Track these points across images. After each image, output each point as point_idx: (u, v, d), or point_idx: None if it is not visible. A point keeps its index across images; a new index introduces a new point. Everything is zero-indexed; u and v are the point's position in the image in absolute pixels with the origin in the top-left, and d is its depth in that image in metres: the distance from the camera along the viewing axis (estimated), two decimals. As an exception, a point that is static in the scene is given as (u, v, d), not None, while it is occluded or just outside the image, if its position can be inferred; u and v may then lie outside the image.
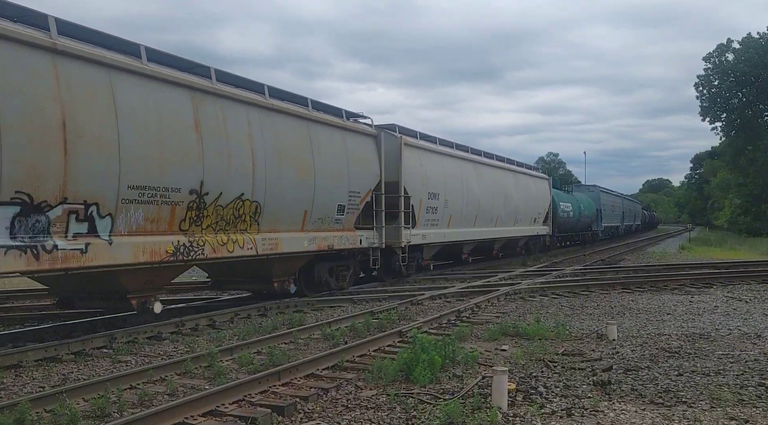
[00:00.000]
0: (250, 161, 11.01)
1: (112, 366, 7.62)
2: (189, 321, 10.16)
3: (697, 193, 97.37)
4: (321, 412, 5.76)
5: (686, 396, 6.17)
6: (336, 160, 13.64)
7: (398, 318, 10.68)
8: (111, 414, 5.64)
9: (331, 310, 12.17)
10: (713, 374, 7.03)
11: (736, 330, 9.90)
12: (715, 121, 56.69)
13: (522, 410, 5.72)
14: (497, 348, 8.56)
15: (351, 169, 14.19)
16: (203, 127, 10.03)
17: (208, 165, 10.04)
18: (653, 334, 9.54)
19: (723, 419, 5.48)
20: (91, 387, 6.23)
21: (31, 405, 5.53)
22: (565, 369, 7.24)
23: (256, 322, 10.68)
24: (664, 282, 16.16)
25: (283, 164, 11.88)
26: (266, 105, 11.64)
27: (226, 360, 7.70)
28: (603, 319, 10.69)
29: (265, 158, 11.38)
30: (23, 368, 7.45)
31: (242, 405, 5.82)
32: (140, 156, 8.87)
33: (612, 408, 5.80)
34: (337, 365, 7.35)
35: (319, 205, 13.04)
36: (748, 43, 52.71)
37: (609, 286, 15.48)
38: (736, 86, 54.18)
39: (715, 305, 12.62)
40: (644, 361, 7.67)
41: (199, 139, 9.92)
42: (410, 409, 5.77)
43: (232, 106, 10.80)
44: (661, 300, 13.30)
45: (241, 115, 10.95)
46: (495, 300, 13.08)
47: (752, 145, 53.57)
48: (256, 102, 11.41)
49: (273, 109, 11.81)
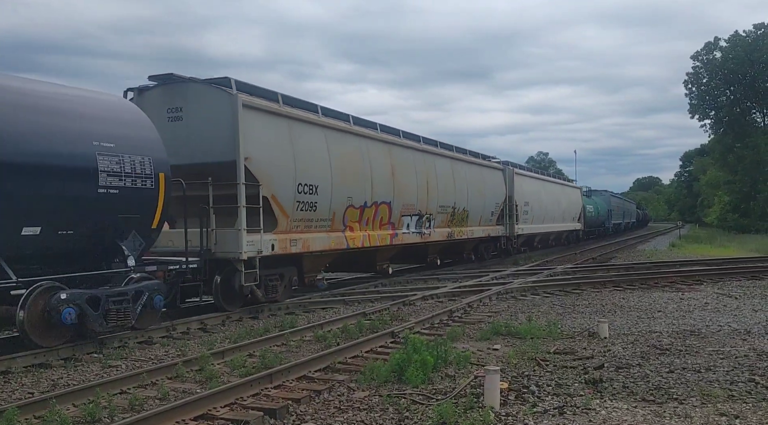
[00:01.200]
0: (461, 186, 20.79)
1: (102, 371, 7.57)
2: (180, 324, 10.11)
3: (686, 190, 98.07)
4: (313, 414, 5.74)
5: (677, 392, 6.20)
6: (484, 185, 22.86)
7: (390, 319, 10.67)
8: (101, 419, 5.60)
9: (323, 312, 12.15)
10: (704, 370, 7.07)
11: (726, 326, 9.96)
12: (704, 118, 57.20)
13: (514, 409, 5.73)
14: (489, 347, 8.57)
15: (492, 190, 23.68)
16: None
17: (469, 193, 21.38)
18: (644, 332, 9.58)
19: (713, 415, 5.51)
20: (81, 393, 6.19)
21: (20, 411, 5.48)
22: (557, 368, 7.26)
23: (247, 325, 10.65)
24: (655, 279, 16.23)
25: (470, 189, 21.33)
26: (446, 154, 20.20)
27: (218, 364, 7.66)
28: (594, 317, 10.73)
29: (467, 187, 21.15)
30: (12, 374, 7.38)
31: (234, 408, 5.80)
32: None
33: (604, 405, 5.81)
34: (330, 367, 7.33)
35: (486, 212, 22.94)
36: (735, 41, 53.17)
37: (600, 284, 15.53)
38: (725, 84, 54.64)
39: (705, 302, 12.69)
40: (635, 359, 7.70)
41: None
42: (403, 410, 5.76)
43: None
44: (652, 298, 13.37)
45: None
46: (487, 300, 13.10)
47: (741, 143, 54.01)
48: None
49: (451, 157, 20.45)
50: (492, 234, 23.66)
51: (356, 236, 14.57)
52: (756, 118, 57.68)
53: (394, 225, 16.39)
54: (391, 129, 17.13)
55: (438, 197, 18.73)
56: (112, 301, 8.60)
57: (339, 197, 13.79)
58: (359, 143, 14.88)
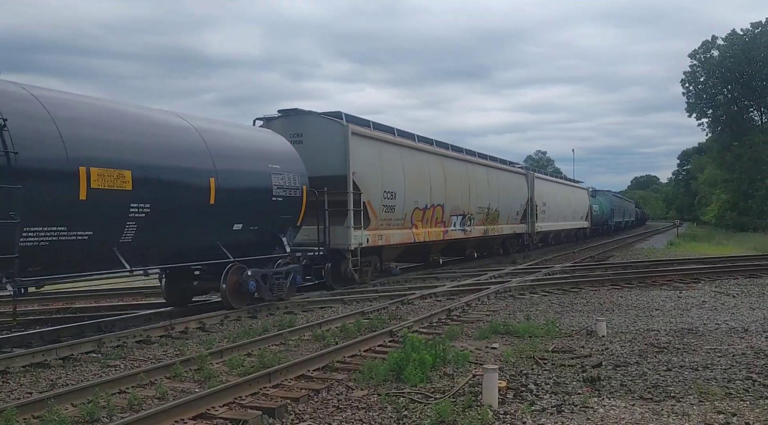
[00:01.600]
0: (494, 190, 23.94)
1: (100, 371, 7.56)
2: (178, 324, 10.11)
3: (684, 189, 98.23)
4: (312, 413, 5.75)
5: (675, 390, 6.22)
6: (511, 188, 26.14)
7: (389, 318, 10.68)
8: (100, 419, 5.60)
9: (322, 311, 12.15)
10: (701, 368, 7.09)
11: (723, 324, 9.98)
12: (702, 117, 57.19)
13: (513, 407, 5.74)
14: (488, 346, 8.58)
15: (517, 193, 26.82)
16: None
17: (500, 195, 24.60)
18: (642, 330, 9.60)
19: (711, 412, 5.53)
20: (80, 393, 6.18)
21: (18, 411, 5.48)
22: (555, 366, 7.27)
23: (246, 324, 10.65)
24: (653, 278, 16.26)
25: (500, 193, 24.66)
26: (482, 162, 23.41)
27: (216, 363, 7.66)
28: (592, 316, 10.75)
29: (498, 190, 24.29)
30: (10, 374, 7.37)
31: (233, 407, 5.80)
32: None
33: (602, 404, 5.83)
34: (328, 366, 7.34)
35: (512, 212, 26.29)
36: (732, 39, 53.18)
37: (598, 283, 15.56)
38: (722, 82, 54.66)
39: (703, 300, 12.72)
40: (633, 357, 7.71)
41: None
42: (401, 409, 5.77)
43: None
44: (650, 296, 13.39)
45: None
46: (485, 299, 13.11)
47: (738, 141, 54.07)
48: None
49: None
50: (517, 231, 27.15)
51: (420, 232, 18.19)
52: (753, 117, 57.76)
53: (445, 224, 19.83)
54: (442, 143, 20.62)
55: (477, 200, 22.02)
56: (275, 278, 12.00)
57: (409, 201, 17.38)
58: (421, 157, 18.52)
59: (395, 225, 16.86)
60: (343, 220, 14.61)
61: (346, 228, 14.59)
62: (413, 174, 17.62)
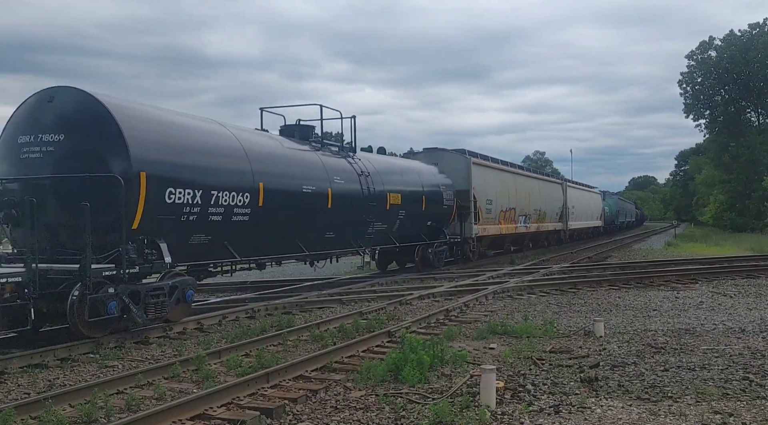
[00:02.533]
0: (542, 196, 31.71)
1: (98, 372, 7.57)
2: (176, 324, 10.10)
3: (682, 189, 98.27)
4: (310, 414, 5.76)
5: (672, 391, 6.23)
6: (552, 195, 33.82)
7: (387, 319, 10.68)
8: (98, 419, 5.60)
9: (320, 311, 12.16)
10: (698, 369, 7.11)
11: (720, 324, 10.01)
12: (699, 118, 57.26)
13: (510, 408, 5.75)
14: (486, 346, 8.59)
15: (556, 198, 34.42)
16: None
17: (546, 201, 32.47)
18: (640, 330, 9.62)
19: (708, 413, 5.54)
20: (78, 393, 6.19)
21: (16, 412, 5.48)
22: (553, 367, 7.29)
23: (244, 325, 10.64)
24: (651, 278, 16.27)
25: (546, 199, 32.14)
26: (534, 176, 31.95)
27: (214, 364, 7.66)
28: (590, 316, 10.77)
29: (545, 197, 31.82)
30: (8, 374, 7.37)
31: (231, 408, 5.80)
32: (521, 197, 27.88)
33: (599, 404, 5.84)
34: (326, 366, 7.34)
35: (553, 213, 33.48)
36: (730, 40, 53.25)
37: (596, 283, 15.58)
38: (719, 83, 54.73)
39: (700, 300, 12.74)
40: (631, 357, 7.73)
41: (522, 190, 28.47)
42: (399, 409, 5.78)
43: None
44: (648, 297, 13.42)
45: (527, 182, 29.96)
46: (483, 299, 13.12)
47: (735, 142, 54.13)
48: (529, 175, 31.04)
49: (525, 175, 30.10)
50: (556, 229, 34.84)
51: (502, 227, 25.77)
52: (750, 118, 57.83)
53: (516, 221, 27.32)
54: (513, 164, 30.12)
55: (533, 203, 29.77)
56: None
57: (497, 205, 25.01)
58: (504, 176, 26.66)
59: (491, 222, 24.32)
60: (467, 219, 21.91)
61: (470, 224, 21.86)
62: (500, 187, 25.42)
